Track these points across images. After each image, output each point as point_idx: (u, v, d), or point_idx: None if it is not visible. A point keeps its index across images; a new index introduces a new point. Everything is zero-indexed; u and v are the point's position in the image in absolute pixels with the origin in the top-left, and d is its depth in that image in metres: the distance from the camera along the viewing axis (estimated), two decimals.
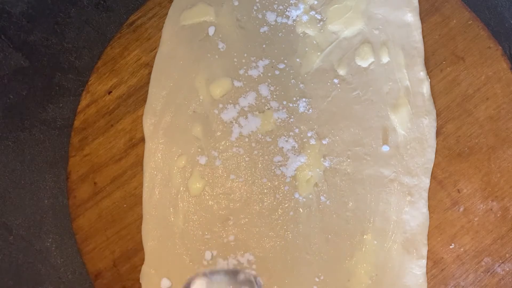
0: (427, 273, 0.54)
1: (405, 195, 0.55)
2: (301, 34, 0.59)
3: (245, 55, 0.59)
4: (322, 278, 0.54)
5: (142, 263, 0.56)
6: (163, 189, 0.57)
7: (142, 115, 0.60)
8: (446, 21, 0.59)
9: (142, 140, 0.59)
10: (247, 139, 0.58)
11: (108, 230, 0.57)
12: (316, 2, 0.60)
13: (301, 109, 0.58)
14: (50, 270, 0.61)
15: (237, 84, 0.59)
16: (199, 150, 0.58)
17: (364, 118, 0.57)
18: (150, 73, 0.60)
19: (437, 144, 0.56)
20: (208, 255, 0.55)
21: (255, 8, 0.60)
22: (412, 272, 0.53)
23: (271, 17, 0.60)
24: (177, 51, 0.60)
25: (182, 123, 0.58)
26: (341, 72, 0.58)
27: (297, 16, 0.60)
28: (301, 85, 0.58)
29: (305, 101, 0.58)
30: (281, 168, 0.56)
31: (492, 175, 0.55)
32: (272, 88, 0.58)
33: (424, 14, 0.59)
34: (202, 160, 0.57)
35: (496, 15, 0.61)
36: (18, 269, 0.61)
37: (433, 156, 0.56)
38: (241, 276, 0.49)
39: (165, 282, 0.55)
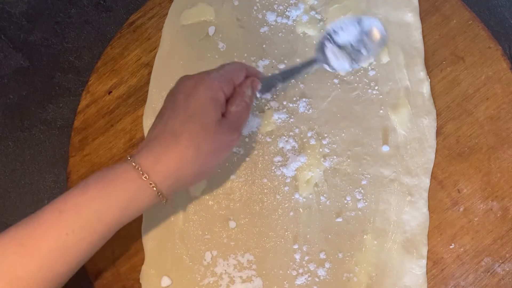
0: (427, 273, 0.53)
1: (405, 195, 0.55)
2: (301, 34, 0.59)
3: (245, 55, 0.59)
4: (322, 278, 0.54)
5: (142, 263, 0.56)
6: None
7: (142, 115, 0.60)
8: (446, 21, 0.59)
9: (142, 140, 0.59)
10: (247, 139, 0.57)
11: None
12: (316, 2, 0.60)
13: (301, 109, 0.58)
14: None
15: None
16: None
17: (364, 118, 0.57)
18: (150, 73, 0.60)
19: (437, 144, 0.56)
20: (208, 256, 0.55)
21: (255, 8, 0.60)
22: (412, 272, 0.53)
23: (271, 17, 0.60)
24: (177, 51, 0.60)
25: None
26: (341, 72, 0.58)
27: (297, 16, 0.60)
28: (301, 85, 0.58)
29: (305, 101, 0.58)
30: (281, 168, 0.56)
31: (492, 175, 0.55)
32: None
33: (424, 14, 0.59)
34: None
35: (496, 15, 0.61)
36: None
37: (433, 156, 0.56)
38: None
39: (165, 280, 0.55)
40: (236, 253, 0.55)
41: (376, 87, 0.57)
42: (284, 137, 0.57)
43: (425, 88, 0.57)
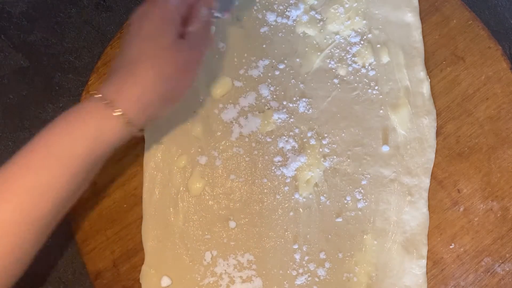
0: (427, 273, 0.53)
1: (405, 195, 0.55)
2: (301, 34, 0.59)
3: (245, 55, 0.59)
4: (322, 278, 0.54)
5: (142, 263, 0.56)
6: (163, 189, 0.57)
7: None
8: (446, 21, 0.59)
9: (142, 140, 0.59)
10: (247, 139, 0.58)
11: (108, 230, 0.57)
12: (316, 2, 0.60)
13: (301, 109, 0.58)
14: (50, 270, 0.61)
15: (237, 84, 0.59)
16: (199, 150, 0.58)
17: (364, 118, 0.57)
18: None
19: (437, 144, 0.56)
20: (208, 256, 0.55)
21: (255, 8, 0.60)
22: (412, 272, 0.53)
23: (271, 17, 0.60)
24: None
25: (182, 123, 0.58)
26: (341, 72, 0.58)
27: (297, 16, 0.60)
28: (301, 85, 0.58)
29: (305, 101, 0.58)
30: (281, 168, 0.56)
31: (492, 175, 0.55)
32: (272, 88, 0.58)
33: (424, 14, 0.59)
34: (202, 160, 0.57)
35: (496, 15, 0.61)
36: None
37: (433, 156, 0.56)
38: None
39: (165, 280, 0.55)
40: (236, 253, 0.55)
41: (376, 87, 0.57)
42: (284, 137, 0.57)
43: (425, 88, 0.57)
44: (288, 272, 0.54)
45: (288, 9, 0.60)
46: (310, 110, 0.58)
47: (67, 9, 0.66)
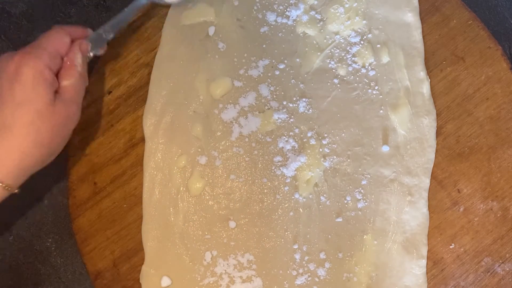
0: (427, 273, 0.54)
1: (405, 195, 0.55)
2: (301, 34, 0.59)
3: (245, 55, 0.59)
4: (322, 278, 0.54)
5: (142, 263, 0.56)
6: (163, 189, 0.57)
7: (142, 115, 0.60)
8: (446, 21, 0.59)
9: (142, 140, 0.59)
10: (247, 139, 0.58)
11: (108, 230, 0.57)
12: (316, 2, 0.60)
13: (301, 109, 0.58)
14: (50, 270, 0.61)
15: (237, 84, 0.59)
16: (199, 150, 0.58)
17: (364, 118, 0.57)
18: (150, 73, 0.60)
19: (437, 144, 0.56)
20: (208, 256, 0.55)
21: (255, 8, 0.60)
22: (412, 272, 0.53)
23: (271, 17, 0.60)
24: (177, 51, 0.60)
25: (182, 123, 0.58)
26: (341, 72, 0.58)
27: (297, 16, 0.60)
28: (301, 85, 0.58)
29: (305, 101, 0.58)
30: (281, 168, 0.56)
31: (492, 175, 0.55)
32: (272, 88, 0.58)
33: (424, 14, 0.59)
34: (202, 160, 0.57)
35: (496, 15, 0.61)
36: (18, 269, 0.61)
37: (433, 156, 0.56)
38: None
39: (165, 280, 0.55)
40: (236, 253, 0.55)
41: (376, 87, 0.57)
42: (284, 137, 0.57)
43: (425, 88, 0.57)
44: (288, 272, 0.54)
45: (288, 9, 0.60)
46: (310, 110, 0.58)
47: (67, 9, 0.66)
